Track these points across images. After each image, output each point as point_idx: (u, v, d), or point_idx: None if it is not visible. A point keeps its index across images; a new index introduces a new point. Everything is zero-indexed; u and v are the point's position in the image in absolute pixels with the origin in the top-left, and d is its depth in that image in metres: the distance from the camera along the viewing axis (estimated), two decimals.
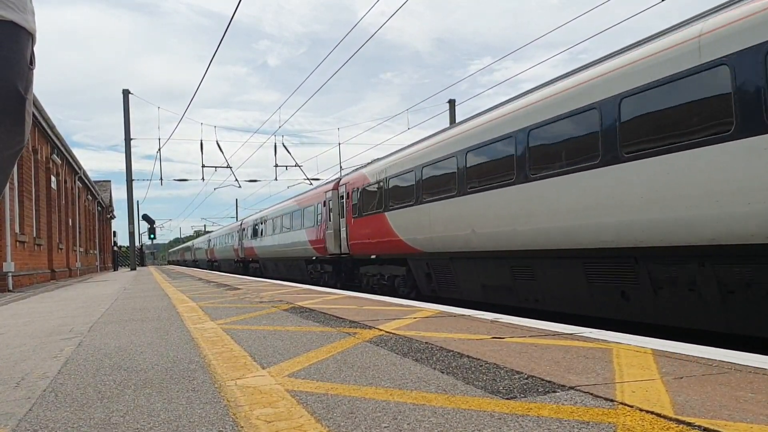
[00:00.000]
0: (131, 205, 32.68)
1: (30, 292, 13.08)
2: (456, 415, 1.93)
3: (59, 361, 3.39)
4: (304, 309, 5.89)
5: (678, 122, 5.69)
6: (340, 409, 2.05)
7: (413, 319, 4.71)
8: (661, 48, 5.96)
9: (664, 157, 5.78)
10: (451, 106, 29.72)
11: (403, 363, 2.86)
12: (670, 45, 5.86)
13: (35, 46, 1.83)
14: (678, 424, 1.75)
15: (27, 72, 1.77)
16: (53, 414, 2.18)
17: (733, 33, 5.18)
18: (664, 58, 5.86)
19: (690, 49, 5.58)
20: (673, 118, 5.74)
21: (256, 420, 1.95)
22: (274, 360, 3.08)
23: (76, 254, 28.24)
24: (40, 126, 18.68)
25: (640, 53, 6.23)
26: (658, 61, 5.91)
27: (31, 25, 1.78)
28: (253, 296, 8.15)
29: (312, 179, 31.61)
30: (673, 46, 5.79)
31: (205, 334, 4.22)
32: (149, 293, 9.95)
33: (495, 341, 3.42)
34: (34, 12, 1.84)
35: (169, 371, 2.89)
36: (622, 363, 2.66)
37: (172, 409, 2.17)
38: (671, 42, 5.86)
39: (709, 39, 5.40)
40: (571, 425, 1.76)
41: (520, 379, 2.41)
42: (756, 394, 2.06)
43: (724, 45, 5.24)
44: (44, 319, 6.31)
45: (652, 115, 5.97)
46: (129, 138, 30.92)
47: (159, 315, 5.90)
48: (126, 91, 30.75)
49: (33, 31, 1.80)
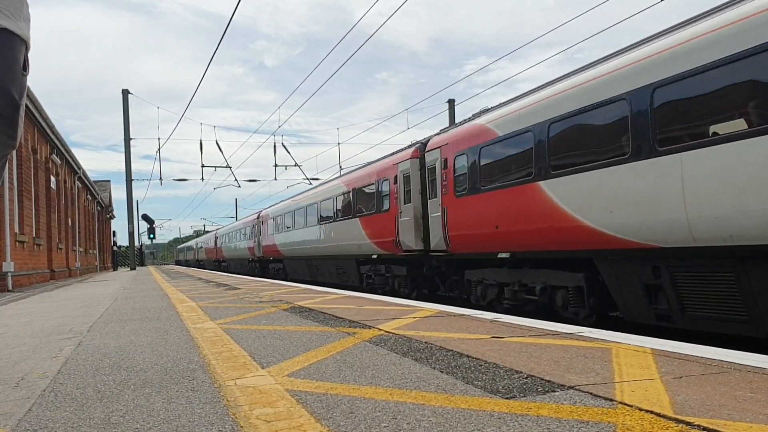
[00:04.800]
0: (131, 205, 32.71)
1: (30, 292, 13.08)
2: (456, 414, 1.93)
3: (59, 361, 3.39)
4: (304, 309, 5.89)
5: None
6: (340, 409, 2.05)
7: (413, 318, 4.71)
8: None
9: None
10: (450, 106, 29.74)
11: (402, 363, 2.86)
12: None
13: (29, 53, 1.86)
14: (678, 423, 1.75)
15: (21, 78, 1.80)
16: (53, 414, 2.18)
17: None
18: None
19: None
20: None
21: (255, 420, 1.95)
22: (273, 360, 3.08)
23: (76, 254, 28.23)
24: (39, 126, 18.67)
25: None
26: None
27: (24, 32, 1.81)
28: (252, 296, 8.15)
29: (312, 179, 31.58)
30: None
31: (205, 334, 4.22)
32: (149, 293, 9.95)
33: (494, 341, 3.42)
34: (30, 19, 1.86)
35: (169, 371, 2.89)
36: (621, 362, 2.66)
37: (172, 408, 2.16)
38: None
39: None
40: (570, 425, 1.76)
41: (520, 379, 2.41)
42: (755, 394, 2.06)
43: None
44: (44, 319, 6.30)
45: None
46: (128, 138, 30.91)
47: (159, 315, 5.90)
48: (126, 91, 30.74)
49: (27, 39, 1.83)
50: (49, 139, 20.74)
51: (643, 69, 6.27)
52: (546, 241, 7.68)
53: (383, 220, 12.97)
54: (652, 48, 6.29)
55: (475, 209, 9.29)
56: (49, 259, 21.01)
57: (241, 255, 31.66)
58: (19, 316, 6.82)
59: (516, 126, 8.35)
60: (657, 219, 6.03)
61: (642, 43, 6.67)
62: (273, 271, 25.39)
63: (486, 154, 9.09)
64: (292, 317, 5.16)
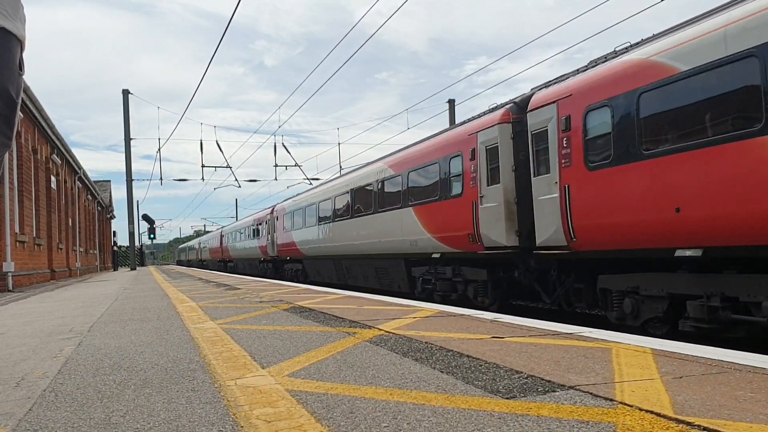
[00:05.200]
0: (131, 205, 32.72)
1: (30, 292, 13.08)
2: (456, 414, 1.93)
3: (59, 361, 3.39)
4: (304, 309, 5.89)
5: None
6: (340, 409, 2.05)
7: (413, 318, 4.71)
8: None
9: None
10: (450, 106, 29.76)
11: (402, 363, 2.86)
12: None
13: (24, 53, 1.89)
14: (678, 423, 1.74)
15: (17, 77, 1.82)
16: (53, 414, 2.18)
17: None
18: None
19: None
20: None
21: (256, 420, 1.95)
22: (274, 360, 3.08)
23: (76, 254, 28.23)
24: (39, 126, 18.67)
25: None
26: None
27: (21, 32, 1.84)
28: (252, 296, 8.15)
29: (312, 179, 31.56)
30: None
31: (205, 334, 4.22)
32: (149, 293, 9.95)
33: (495, 341, 3.42)
34: (26, 19, 1.88)
35: (169, 371, 2.89)
36: (621, 362, 2.66)
37: (172, 409, 2.17)
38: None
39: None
40: (570, 425, 1.76)
41: (520, 379, 2.41)
42: (756, 394, 2.06)
43: None
44: (44, 319, 6.30)
45: None
46: (129, 138, 30.93)
47: (159, 315, 5.90)
48: (126, 91, 30.76)
49: (22, 38, 1.85)
50: (49, 139, 20.74)
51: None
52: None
53: (452, 207, 10.20)
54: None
55: (631, 185, 6.44)
56: (50, 259, 21.01)
57: (251, 254, 28.83)
58: (20, 316, 6.82)
59: (718, 52, 5.51)
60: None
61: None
62: (290, 272, 22.37)
63: (653, 102, 6.22)
64: (293, 317, 5.16)
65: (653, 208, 6.14)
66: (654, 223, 6.15)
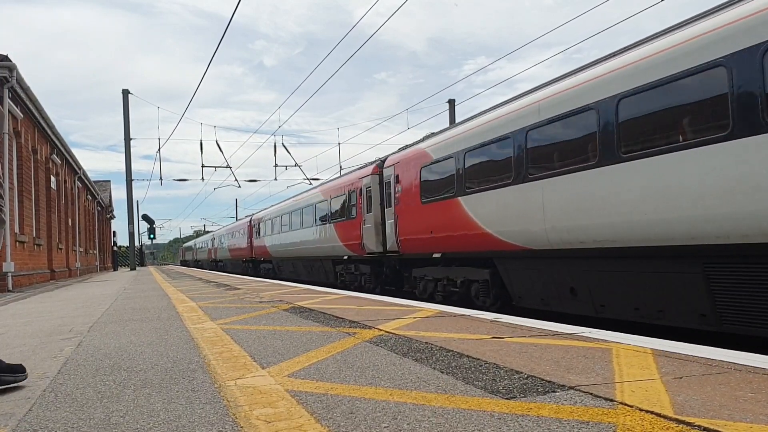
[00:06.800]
0: (131, 205, 32.71)
1: (30, 292, 13.08)
2: (456, 415, 1.92)
3: (59, 361, 3.39)
4: (304, 309, 5.89)
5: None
6: (340, 409, 2.05)
7: (413, 318, 4.71)
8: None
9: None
10: (450, 106, 29.74)
11: (402, 363, 2.86)
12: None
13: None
14: (678, 423, 1.74)
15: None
16: (53, 414, 2.18)
17: None
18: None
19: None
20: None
21: (255, 420, 1.95)
22: (273, 360, 3.08)
23: (76, 254, 28.23)
24: (39, 126, 18.68)
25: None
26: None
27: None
28: (252, 296, 8.15)
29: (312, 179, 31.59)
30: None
31: (205, 334, 4.22)
32: (149, 293, 9.95)
33: (495, 341, 3.42)
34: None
35: (169, 371, 2.89)
36: (621, 363, 2.66)
37: (172, 409, 2.16)
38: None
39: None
40: (570, 425, 1.76)
41: (520, 379, 2.41)
42: (756, 394, 2.06)
43: None
44: (44, 319, 6.30)
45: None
46: (129, 138, 30.92)
47: (159, 315, 5.90)
48: (126, 91, 30.74)
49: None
50: (49, 139, 20.74)
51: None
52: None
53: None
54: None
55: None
56: (49, 259, 21.01)
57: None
58: (20, 316, 6.82)
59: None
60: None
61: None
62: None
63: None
64: (293, 317, 5.16)
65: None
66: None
